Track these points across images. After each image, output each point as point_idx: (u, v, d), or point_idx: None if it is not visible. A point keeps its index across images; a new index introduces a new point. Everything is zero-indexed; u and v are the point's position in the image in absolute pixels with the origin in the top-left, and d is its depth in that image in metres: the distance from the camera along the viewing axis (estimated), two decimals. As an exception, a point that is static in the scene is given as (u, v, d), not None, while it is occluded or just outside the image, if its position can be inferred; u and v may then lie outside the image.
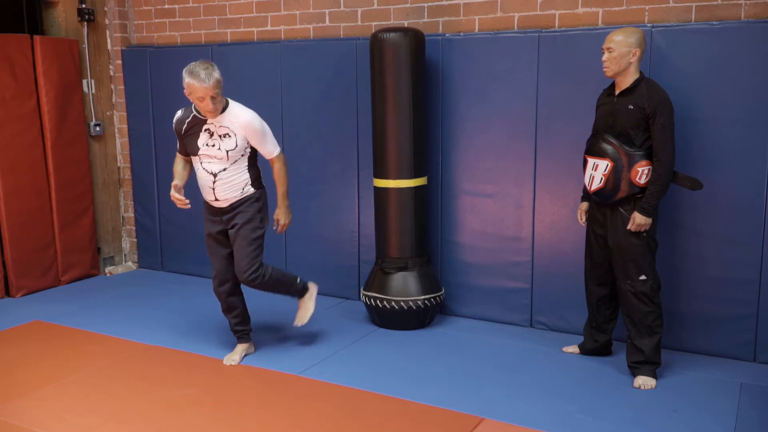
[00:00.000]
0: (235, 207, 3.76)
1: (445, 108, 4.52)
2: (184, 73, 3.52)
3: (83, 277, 5.74)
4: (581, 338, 4.06)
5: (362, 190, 4.89)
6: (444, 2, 4.57)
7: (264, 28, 5.27)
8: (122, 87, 5.88)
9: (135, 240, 6.11)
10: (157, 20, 5.75)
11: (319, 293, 5.13)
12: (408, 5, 4.69)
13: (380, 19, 4.80)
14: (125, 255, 6.22)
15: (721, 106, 3.80)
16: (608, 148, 3.52)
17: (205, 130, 3.67)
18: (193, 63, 3.53)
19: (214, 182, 3.70)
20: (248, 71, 5.18)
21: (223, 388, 3.58)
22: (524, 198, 4.36)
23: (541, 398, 3.47)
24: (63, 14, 5.58)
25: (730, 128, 3.80)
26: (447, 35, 4.50)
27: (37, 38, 5.27)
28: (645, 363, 3.60)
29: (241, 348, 3.95)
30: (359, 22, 4.88)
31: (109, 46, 5.88)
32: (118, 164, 6.08)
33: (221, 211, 3.79)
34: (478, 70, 4.39)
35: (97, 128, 5.81)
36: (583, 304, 4.13)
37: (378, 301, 4.37)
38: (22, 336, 4.39)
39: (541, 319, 4.43)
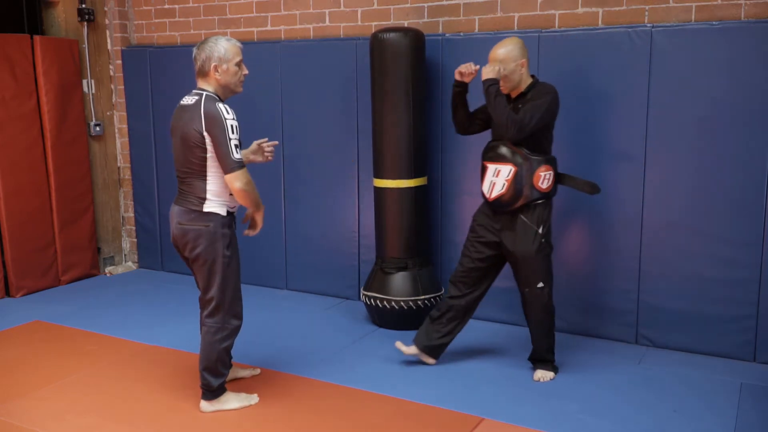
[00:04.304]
0: None
1: (445, 108, 4.51)
2: (212, 44, 3.09)
3: (83, 277, 5.74)
4: (581, 338, 4.07)
5: (362, 190, 4.89)
6: (444, 2, 4.57)
7: (264, 28, 5.27)
8: (122, 87, 5.89)
9: (135, 240, 6.11)
10: (157, 20, 5.75)
11: (319, 293, 5.19)
12: (408, 5, 4.69)
13: (380, 19, 4.80)
14: (125, 255, 6.22)
15: (721, 106, 3.80)
16: (511, 153, 3.51)
17: None
18: (200, 42, 3.14)
19: None
20: (248, 71, 5.16)
21: (223, 388, 3.58)
22: (524, 198, 4.36)
23: (541, 398, 3.47)
24: (63, 14, 5.58)
25: (730, 128, 3.80)
26: (447, 35, 4.50)
27: (37, 38, 5.27)
28: (540, 361, 3.73)
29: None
30: (359, 22, 4.88)
31: (109, 46, 5.88)
32: (118, 164, 6.08)
33: None
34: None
35: (97, 128, 5.81)
36: (582, 303, 4.15)
37: (378, 301, 4.37)
38: (22, 336, 4.39)
39: (541, 319, 4.43)
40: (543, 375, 3.69)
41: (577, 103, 4.13)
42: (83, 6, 5.62)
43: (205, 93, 3.10)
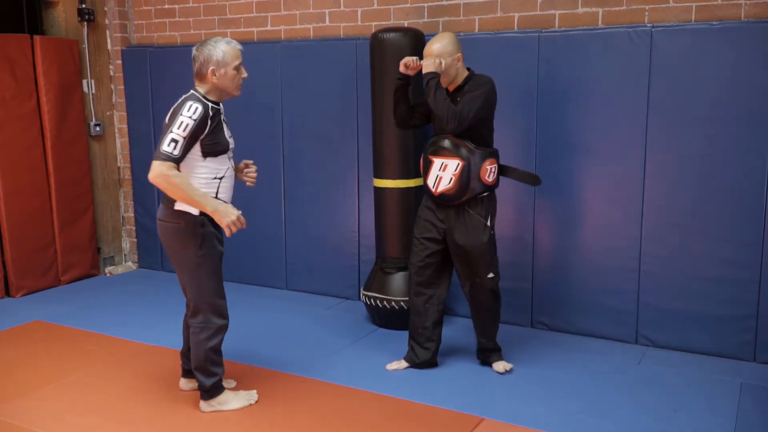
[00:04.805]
0: None
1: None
2: (211, 46, 3.06)
3: (83, 277, 5.74)
4: (581, 338, 4.06)
5: (362, 190, 4.89)
6: (444, 2, 4.57)
7: (264, 28, 5.27)
8: (122, 87, 5.88)
9: (135, 240, 6.11)
10: (157, 20, 5.75)
11: (319, 293, 5.19)
12: (408, 5, 4.69)
13: (380, 19, 4.80)
14: (125, 255, 6.22)
15: (721, 106, 3.80)
16: (457, 147, 3.50)
17: (224, 121, 3.18)
18: (200, 43, 3.12)
19: (234, 179, 3.28)
20: (248, 71, 5.15)
21: (223, 388, 3.58)
22: (524, 198, 4.36)
23: (541, 398, 3.47)
24: (63, 14, 5.58)
25: (730, 128, 3.80)
26: (447, 35, 4.50)
27: (37, 38, 5.27)
28: (494, 351, 3.78)
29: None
30: (359, 22, 4.88)
31: (109, 46, 5.88)
32: (118, 164, 6.08)
33: (219, 227, 3.26)
34: (478, 70, 4.37)
35: (97, 128, 5.81)
36: (582, 303, 4.15)
37: (378, 301, 4.37)
38: (22, 336, 4.39)
39: (541, 319, 4.43)
40: (505, 365, 3.75)
41: (577, 102, 4.13)
42: (83, 6, 5.62)
43: (192, 92, 3.11)
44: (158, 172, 2.96)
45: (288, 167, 5.18)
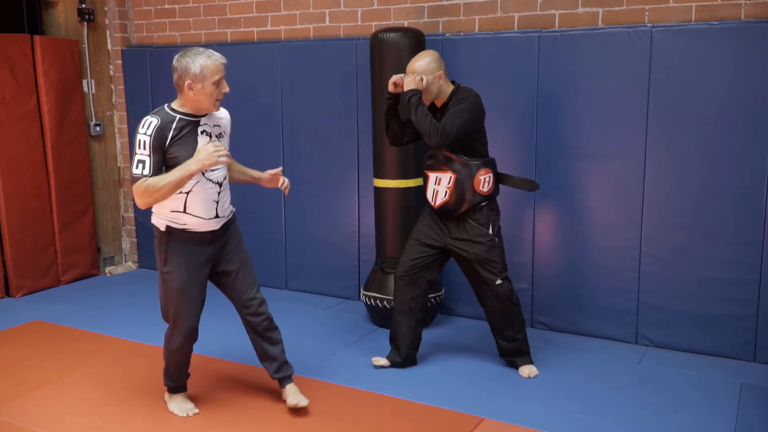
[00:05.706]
0: (227, 227, 3.20)
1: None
2: (189, 59, 2.94)
3: (83, 277, 5.74)
4: (581, 338, 4.05)
5: (362, 190, 4.89)
6: (444, 2, 4.57)
7: (264, 28, 5.27)
8: (122, 87, 5.89)
9: (135, 240, 6.11)
10: (157, 20, 5.75)
11: (319, 293, 5.19)
12: (408, 5, 4.69)
13: (380, 19, 4.80)
14: (125, 255, 6.22)
15: (721, 106, 3.80)
16: (449, 160, 3.53)
17: (203, 133, 3.04)
18: (182, 52, 3.00)
19: (219, 194, 3.10)
20: (248, 71, 5.18)
21: (223, 388, 3.58)
22: (524, 198, 4.36)
23: (541, 398, 3.47)
24: (63, 14, 5.58)
25: (730, 128, 3.80)
26: (447, 35, 4.50)
27: (37, 38, 5.27)
28: (518, 353, 3.75)
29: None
30: (359, 22, 4.88)
31: (109, 46, 5.88)
32: (118, 164, 6.08)
33: (214, 237, 3.13)
34: (478, 70, 4.39)
35: (97, 128, 5.82)
36: (582, 303, 4.14)
37: (378, 301, 4.37)
38: (22, 336, 4.39)
39: (541, 319, 4.44)
40: (530, 370, 3.72)
41: (577, 102, 4.13)
42: (83, 6, 5.62)
43: (163, 105, 3.06)
44: (138, 191, 2.91)
45: (288, 167, 5.17)
